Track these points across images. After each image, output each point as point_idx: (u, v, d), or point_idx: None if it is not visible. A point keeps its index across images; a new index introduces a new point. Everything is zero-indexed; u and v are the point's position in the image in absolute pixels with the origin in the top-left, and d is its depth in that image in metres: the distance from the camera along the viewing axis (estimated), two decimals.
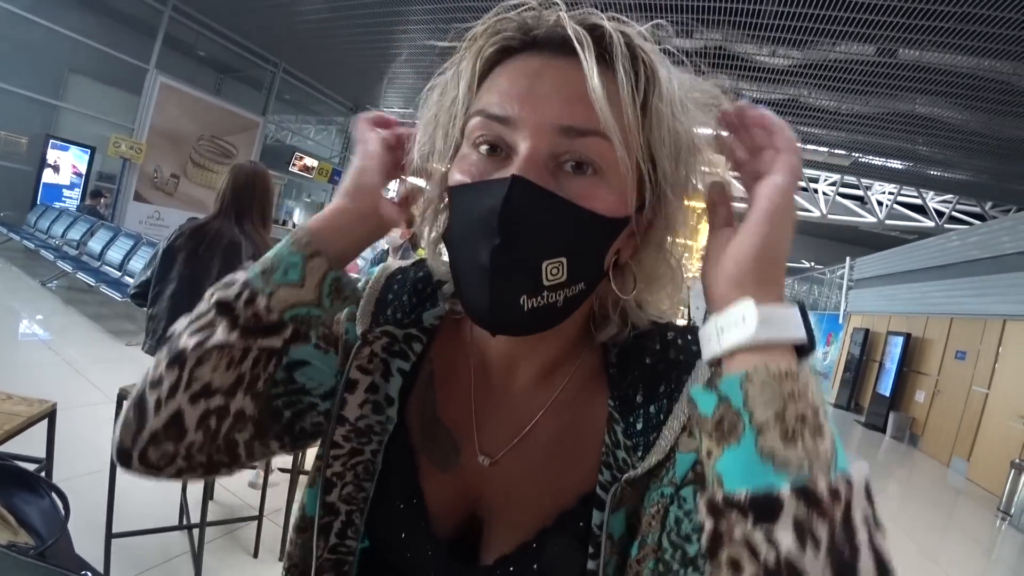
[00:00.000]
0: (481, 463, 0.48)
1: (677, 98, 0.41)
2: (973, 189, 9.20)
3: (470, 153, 0.42)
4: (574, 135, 0.38)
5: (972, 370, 6.85)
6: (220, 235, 1.82)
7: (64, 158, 8.48)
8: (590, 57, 0.37)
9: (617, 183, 0.40)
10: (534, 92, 0.39)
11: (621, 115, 0.38)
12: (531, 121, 0.38)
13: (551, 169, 0.39)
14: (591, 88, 0.37)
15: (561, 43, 0.39)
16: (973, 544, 4.31)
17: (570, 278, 0.39)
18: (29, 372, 3.22)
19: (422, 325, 0.52)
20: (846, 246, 13.27)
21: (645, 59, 0.40)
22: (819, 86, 6.25)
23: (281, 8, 7.67)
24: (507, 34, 0.41)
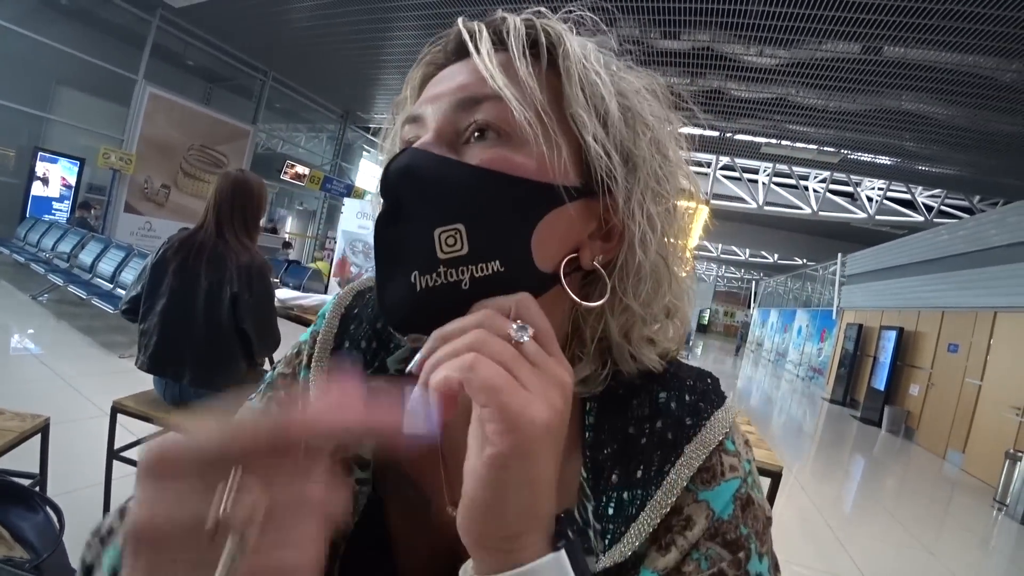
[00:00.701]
0: (452, 514, 0.43)
1: (592, 56, 0.38)
2: (961, 184, 9.30)
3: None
4: (469, 105, 0.36)
5: (965, 362, 6.91)
6: (205, 246, 1.81)
7: (53, 170, 8.43)
8: (480, 40, 0.37)
9: (522, 142, 0.35)
10: (438, 87, 0.39)
11: (517, 78, 0.36)
12: (434, 110, 0.37)
13: (454, 143, 0.36)
14: (474, 57, 0.36)
15: (461, 45, 0.40)
16: (970, 535, 4.34)
17: (473, 250, 0.33)
18: (21, 387, 3.19)
19: (388, 373, 0.46)
20: (837, 242, 13.36)
21: (548, 29, 0.38)
22: (806, 84, 6.31)
23: (269, 17, 7.67)
24: (436, 53, 0.42)
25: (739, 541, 0.36)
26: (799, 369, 14.51)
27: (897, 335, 8.59)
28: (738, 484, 0.38)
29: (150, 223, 9.03)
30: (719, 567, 0.35)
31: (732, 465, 0.39)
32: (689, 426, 0.39)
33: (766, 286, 22.50)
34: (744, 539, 0.36)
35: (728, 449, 0.40)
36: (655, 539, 0.37)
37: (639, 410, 0.41)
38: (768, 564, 0.37)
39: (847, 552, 3.30)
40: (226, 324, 1.78)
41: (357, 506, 0.45)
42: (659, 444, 0.39)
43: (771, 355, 18.73)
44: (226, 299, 1.77)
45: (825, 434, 7.82)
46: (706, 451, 0.38)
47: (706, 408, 0.41)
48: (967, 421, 6.55)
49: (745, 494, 0.38)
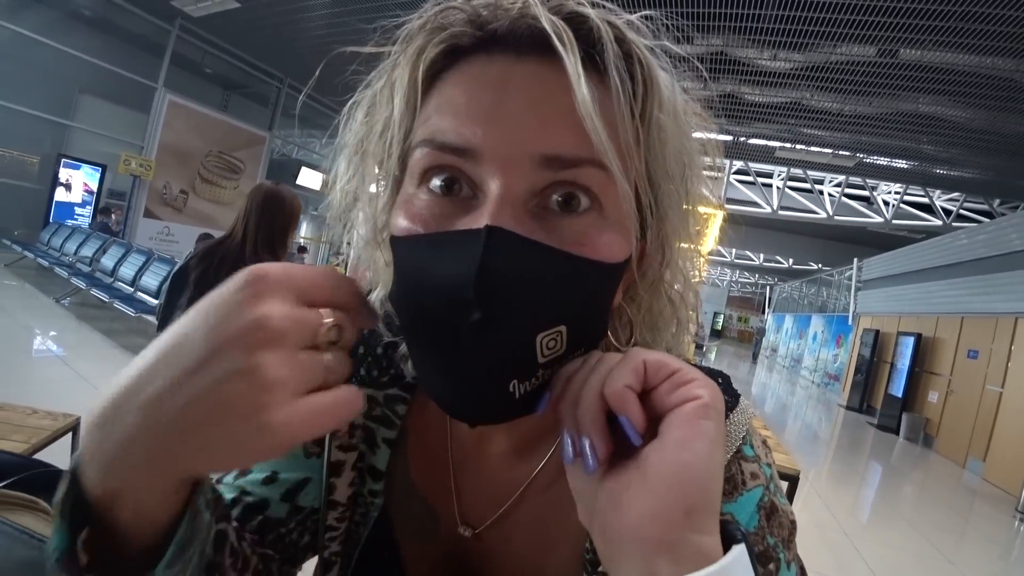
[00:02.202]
0: (462, 533, 0.43)
1: (679, 107, 0.33)
2: (980, 187, 9.16)
3: (417, 193, 0.31)
4: (560, 166, 0.29)
5: (985, 369, 6.78)
6: (227, 258, 1.77)
7: (76, 176, 8.64)
8: (575, 59, 0.28)
9: (617, 218, 0.31)
10: (502, 111, 0.29)
11: (617, 134, 0.30)
12: (502, 152, 0.29)
13: (532, 211, 0.30)
14: (580, 102, 0.27)
15: (529, 39, 0.30)
16: (991, 545, 4.25)
17: (570, 347, 0.30)
18: (46, 387, 3.27)
19: (403, 381, 0.44)
20: (853, 247, 13.22)
21: (640, 58, 0.31)
22: (821, 88, 6.27)
23: (285, 25, 7.80)
24: (455, 30, 0.31)
25: (767, 553, 0.35)
26: (815, 375, 14.33)
27: (915, 341, 8.46)
28: (760, 493, 0.36)
29: (168, 228, 9.21)
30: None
31: (753, 472, 0.37)
32: None
33: (781, 291, 22.27)
34: (772, 550, 0.35)
35: (747, 455, 0.37)
36: None
37: None
38: (796, 570, 0.36)
39: (864, 560, 3.26)
40: None
41: (368, 518, 0.45)
42: None
43: (786, 361, 18.52)
44: None
45: (841, 441, 7.72)
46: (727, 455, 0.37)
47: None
48: (988, 429, 6.43)
49: (768, 502, 0.36)
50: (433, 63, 0.32)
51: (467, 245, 0.27)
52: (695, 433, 0.25)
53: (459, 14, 0.31)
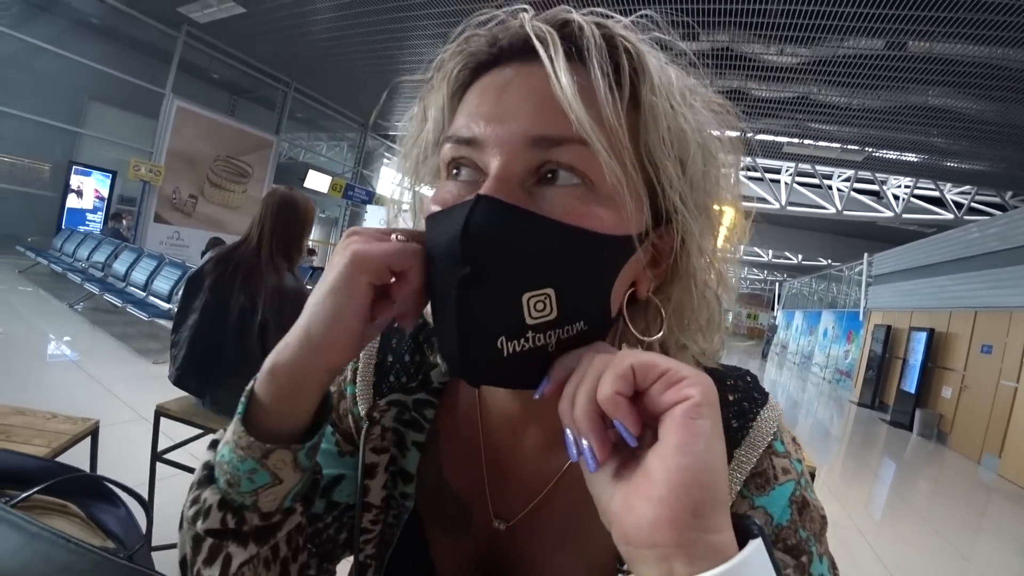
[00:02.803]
0: (496, 527, 0.44)
1: (676, 89, 0.35)
2: (992, 179, 9.05)
3: (445, 183, 0.37)
4: (548, 145, 0.33)
5: (999, 364, 6.70)
6: (243, 262, 1.78)
7: (87, 183, 8.74)
8: (556, 54, 0.32)
9: (607, 193, 0.33)
10: (501, 105, 0.34)
11: (601, 115, 0.32)
12: (499, 137, 0.33)
13: (528, 187, 0.33)
14: (556, 87, 0.31)
15: (528, 48, 0.34)
16: (1008, 541, 4.20)
17: (562, 315, 0.32)
18: (61, 391, 3.31)
19: (431, 386, 0.47)
20: (863, 242, 13.11)
21: (629, 47, 0.34)
22: (829, 82, 6.23)
23: (290, 29, 7.85)
24: (472, 49, 0.37)
25: (800, 546, 0.36)
26: (825, 372, 14.22)
27: (928, 336, 8.37)
28: (792, 487, 0.38)
29: (178, 233, 9.29)
30: (784, 573, 0.35)
31: (784, 468, 0.39)
32: (736, 428, 0.39)
33: (790, 287, 22.12)
34: (804, 543, 0.37)
35: (778, 451, 0.39)
36: None
37: None
38: (828, 564, 0.37)
39: (878, 556, 3.24)
40: (254, 351, 1.73)
41: (400, 520, 0.46)
42: None
43: (796, 358, 18.39)
44: (256, 325, 1.73)
45: (854, 438, 7.65)
46: (756, 454, 0.38)
47: (751, 408, 0.40)
48: (1003, 424, 6.35)
49: (800, 496, 0.38)
50: (460, 80, 0.38)
51: (460, 211, 0.32)
52: (691, 434, 0.26)
53: (480, 40, 0.37)
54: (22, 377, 3.39)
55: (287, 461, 0.36)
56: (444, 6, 6.22)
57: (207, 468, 0.37)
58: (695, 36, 5.76)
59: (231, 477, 0.35)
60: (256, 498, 0.36)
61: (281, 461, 0.35)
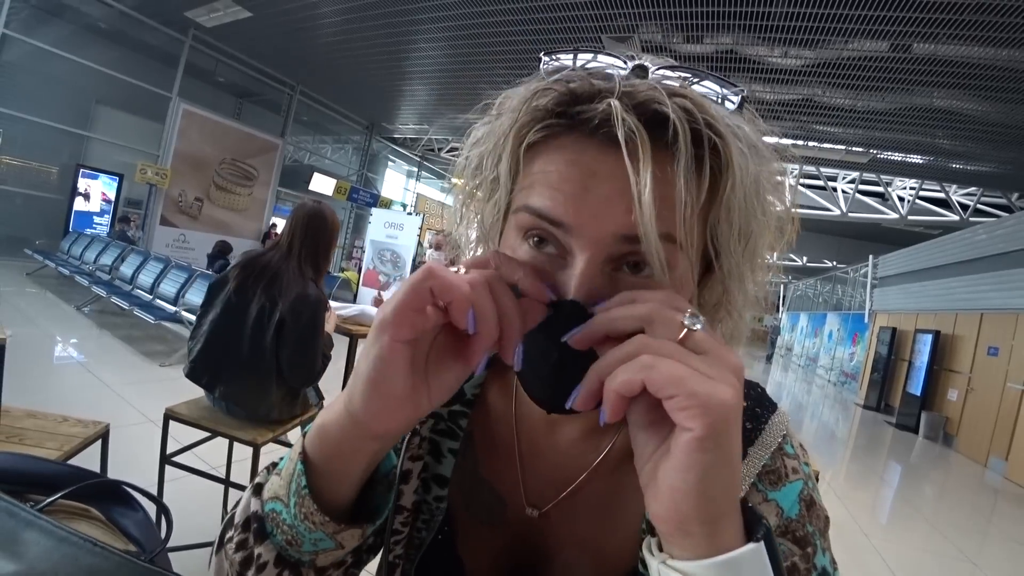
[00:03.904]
0: (530, 514, 0.47)
1: (753, 189, 0.37)
2: (997, 181, 9.01)
3: (520, 244, 0.38)
4: (634, 241, 0.34)
5: (1006, 366, 6.66)
6: (267, 269, 1.86)
7: (94, 186, 8.81)
8: (646, 169, 0.32)
9: (675, 278, 0.36)
10: (590, 196, 0.35)
11: (685, 220, 0.34)
12: (589, 231, 0.34)
13: (607, 273, 0.36)
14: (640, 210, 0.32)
15: (614, 132, 0.34)
16: (1015, 545, 4.17)
17: None
18: (69, 393, 3.34)
19: (464, 398, 0.51)
20: (869, 244, 13.07)
21: (717, 144, 0.34)
22: (833, 84, 6.22)
23: (296, 33, 7.90)
24: (552, 121, 0.36)
25: (806, 538, 0.40)
26: (831, 374, 14.16)
27: (933, 338, 8.33)
28: (801, 486, 0.42)
29: (184, 235, 9.35)
30: (792, 561, 0.39)
31: (794, 468, 0.43)
32: (750, 430, 0.43)
33: (795, 289, 22.03)
34: (810, 536, 0.40)
35: (788, 452, 0.43)
36: None
37: None
38: (829, 558, 0.40)
39: (884, 560, 3.22)
40: (268, 349, 1.80)
41: (432, 523, 0.49)
42: None
43: (801, 360, 18.31)
44: (273, 324, 1.79)
45: (859, 440, 7.62)
46: (768, 452, 0.42)
47: (763, 413, 0.44)
48: (1010, 427, 6.31)
49: (808, 495, 0.42)
50: (532, 137, 0.37)
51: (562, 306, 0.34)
52: (686, 467, 0.27)
53: (552, 95, 0.36)
54: (31, 380, 3.42)
55: (355, 536, 0.38)
56: (449, 10, 6.26)
57: (257, 520, 0.38)
58: (699, 39, 5.77)
59: (291, 538, 0.37)
60: (315, 557, 0.38)
61: (350, 536, 0.37)
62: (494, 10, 6.01)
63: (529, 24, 6.17)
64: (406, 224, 7.92)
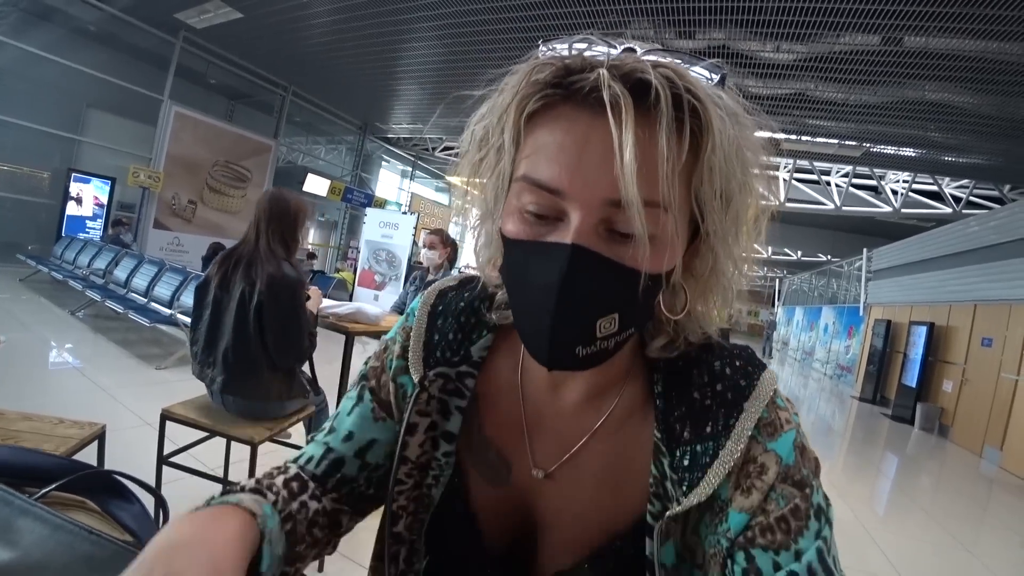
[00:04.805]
0: (535, 476, 0.50)
1: (732, 142, 0.39)
2: (989, 173, 9.07)
3: (521, 209, 0.41)
4: (621, 205, 0.37)
5: (1000, 356, 6.71)
6: (242, 258, 1.91)
7: (86, 190, 8.75)
8: (628, 131, 0.35)
9: (663, 239, 0.39)
10: (582, 163, 0.38)
11: (665, 186, 0.37)
12: (582, 195, 0.38)
13: (600, 234, 0.39)
14: (621, 170, 0.35)
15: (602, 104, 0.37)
16: (1011, 534, 4.21)
17: (622, 327, 0.41)
18: (66, 398, 3.32)
19: (472, 360, 0.53)
20: (862, 237, 13.13)
21: (697, 106, 0.38)
22: (825, 79, 6.24)
23: (287, 33, 7.87)
24: (549, 91, 0.40)
25: (804, 480, 0.43)
26: (827, 367, 14.22)
27: (928, 330, 8.38)
28: (795, 434, 0.45)
29: (178, 238, 9.31)
30: (794, 503, 0.42)
31: (787, 419, 0.46)
32: (744, 386, 0.46)
33: (790, 284, 22.12)
34: (806, 478, 0.43)
35: (780, 405, 0.46)
36: (737, 485, 0.43)
37: (699, 378, 0.47)
38: (822, 495, 0.44)
39: (882, 551, 3.24)
40: (252, 332, 1.84)
41: (441, 480, 0.52)
42: (722, 403, 0.45)
43: (797, 354, 18.39)
44: (253, 307, 1.83)
45: (856, 433, 7.66)
46: (762, 404, 0.45)
47: (754, 371, 0.47)
48: (1004, 417, 6.36)
49: (800, 443, 0.45)
50: (532, 108, 0.41)
51: (556, 255, 0.38)
52: None
53: (550, 69, 0.40)
54: (26, 385, 3.40)
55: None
56: (439, 8, 6.25)
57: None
58: (692, 35, 5.78)
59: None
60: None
61: None
62: (485, 7, 6.00)
63: (520, 21, 6.17)
64: (401, 224, 7.92)
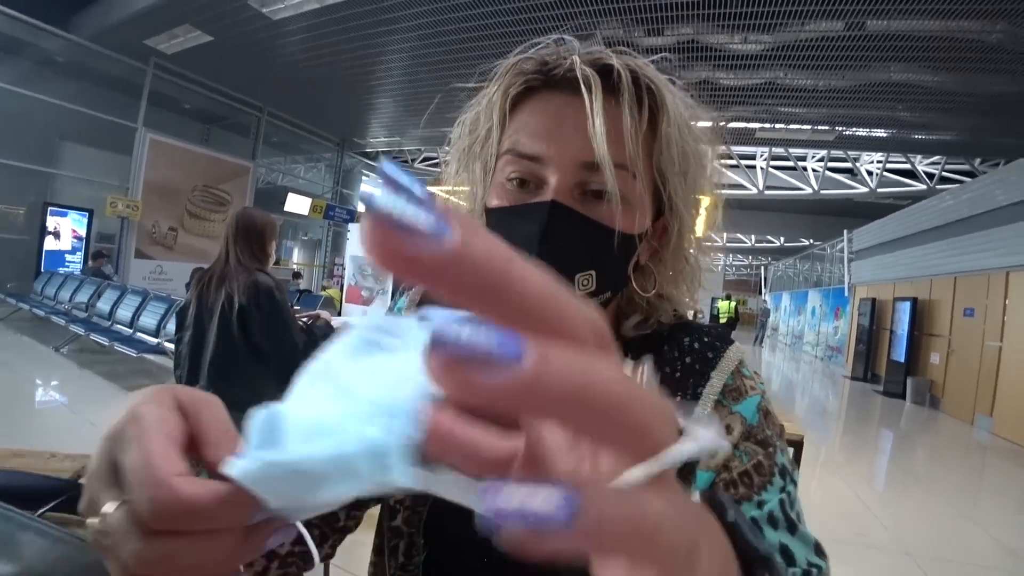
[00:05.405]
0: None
1: (684, 120, 0.46)
2: (959, 148, 9.28)
3: (504, 183, 0.47)
4: (594, 168, 0.43)
5: (983, 325, 6.84)
6: (215, 273, 1.95)
7: (63, 224, 8.63)
8: (597, 101, 0.41)
9: (633, 203, 0.45)
10: (558, 132, 0.44)
11: (631, 147, 0.43)
12: (558, 159, 0.44)
13: (576, 197, 0.44)
14: (594, 130, 0.41)
15: (575, 83, 0.43)
16: (1006, 498, 4.29)
17: (599, 288, 0.45)
18: (57, 436, 3.26)
19: None
20: (842, 219, 13.30)
21: (652, 87, 0.44)
22: (794, 66, 6.35)
23: (260, 54, 7.84)
24: (530, 76, 0.46)
25: (767, 440, 0.46)
26: (817, 349, 14.39)
27: (912, 305, 8.53)
28: (759, 399, 0.48)
29: (161, 267, 9.20)
30: (757, 459, 0.45)
31: (751, 386, 0.49)
32: (712, 358, 0.50)
33: (775, 270, 22.37)
34: (770, 439, 0.46)
35: (746, 375, 0.50)
36: None
37: (670, 353, 0.50)
38: (787, 458, 0.47)
39: (884, 526, 3.29)
40: (237, 338, 1.85)
41: None
42: (691, 374, 0.49)
43: (787, 338, 18.58)
44: (235, 315, 1.85)
45: (850, 411, 7.76)
46: (727, 372, 0.48)
47: (722, 345, 0.51)
48: (992, 384, 6.48)
49: (764, 407, 0.48)
50: (516, 97, 0.47)
51: (538, 211, 0.43)
52: None
53: (531, 62, 0.46)
54: (13, 425, 3.34)
55: None
56: (411, 20, 6.27)
57: None
58: (660, 31, 5.86)
59: None
60: None
61: None
62: (456, 17, 6.04)
63: (492, 28, 6.21)
64: None
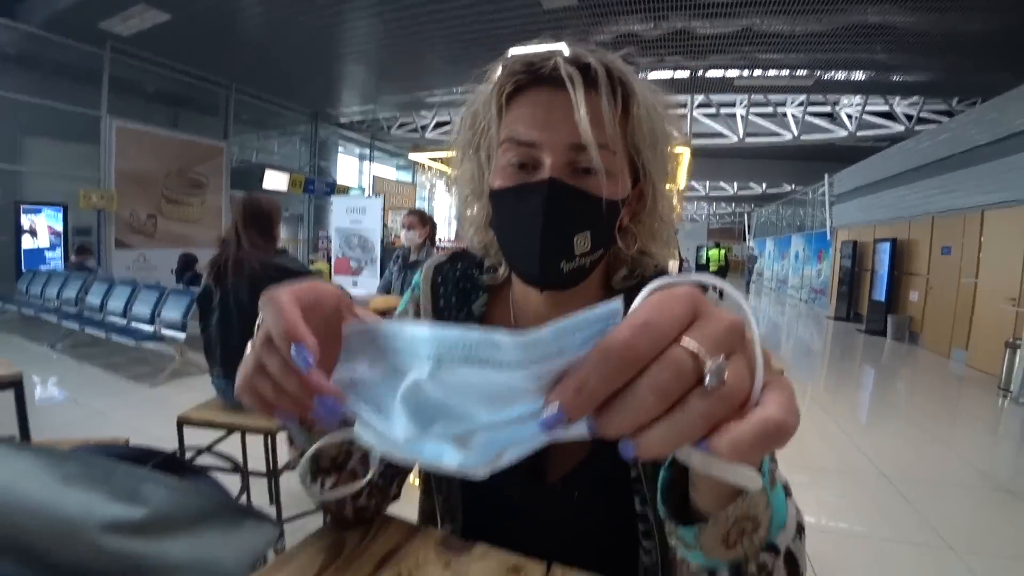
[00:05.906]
0: None
1: (650, 103, 0.55)
2: (937, 88, 9.32)
3: (506, 166, 0.55)
4: (581, 149, 0.51)
5: (959, 263, 7.06)
6: (230, 256, 2.01)
7: (39, 221, 8.43)
8: (579, 93, 0.50)
9: (615, 175, 0.54)
10: (549, 121, 0.52)
11: (611, 129, 0.51)
12: (551, 142, 0.52)
13: (567, 174, 0.53)
14: (579, 118, 0.50)
15: (560, 80, 0.52)
16: (979, 424, 4.55)
17: (593, 246, 0.54)
18: (66, 430, 3.32)
19: (474, 317, 0.66)
20: (823, 164, 13.39)
21: (623, 79, 0.54)
22: (770, 12, 6.29)
23: (221, 30, 7.57)
24: (519, 75, 0.55)
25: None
26: (801, 292, 14.72)
27: (891, 246, 8.74)
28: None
29: (144, 255, 9.09)
30: None
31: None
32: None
33: (758, 216, 22.56)
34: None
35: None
36: None
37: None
38: None
39: (865, 456, 3.50)
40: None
41: None
42: None
43: (772, 283, 18.95)
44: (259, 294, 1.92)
45: (834, 350, 8.05)
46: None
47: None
48: (967, 318, 6.75)
49: None
50: (509, 93, 0.55)
51: (539, 187, 0.52)
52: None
53: (519, 63, 0.55)
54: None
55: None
56: None
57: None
58: None
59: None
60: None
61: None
62: None
63: None
64: (368, 207, 7.86)
